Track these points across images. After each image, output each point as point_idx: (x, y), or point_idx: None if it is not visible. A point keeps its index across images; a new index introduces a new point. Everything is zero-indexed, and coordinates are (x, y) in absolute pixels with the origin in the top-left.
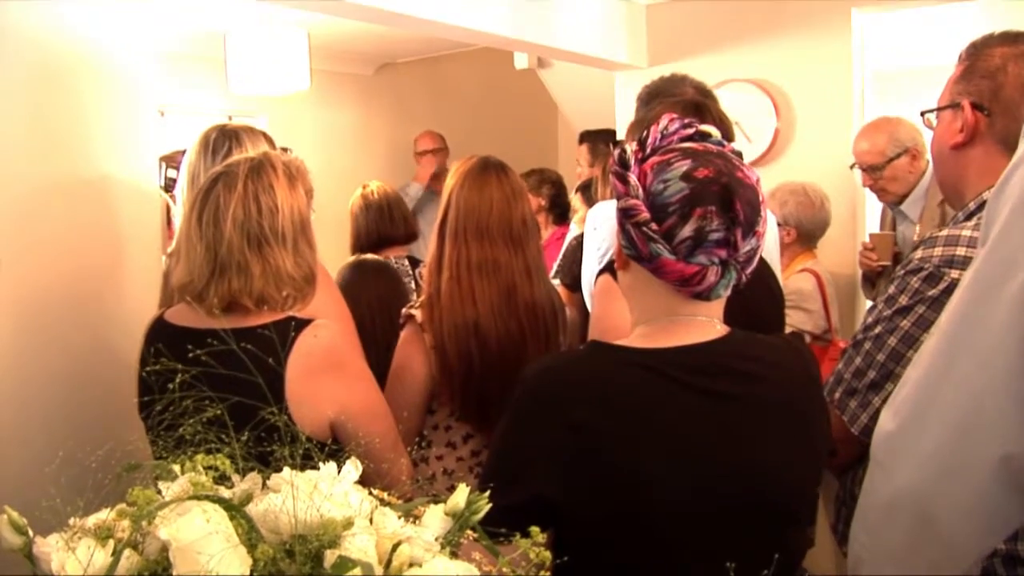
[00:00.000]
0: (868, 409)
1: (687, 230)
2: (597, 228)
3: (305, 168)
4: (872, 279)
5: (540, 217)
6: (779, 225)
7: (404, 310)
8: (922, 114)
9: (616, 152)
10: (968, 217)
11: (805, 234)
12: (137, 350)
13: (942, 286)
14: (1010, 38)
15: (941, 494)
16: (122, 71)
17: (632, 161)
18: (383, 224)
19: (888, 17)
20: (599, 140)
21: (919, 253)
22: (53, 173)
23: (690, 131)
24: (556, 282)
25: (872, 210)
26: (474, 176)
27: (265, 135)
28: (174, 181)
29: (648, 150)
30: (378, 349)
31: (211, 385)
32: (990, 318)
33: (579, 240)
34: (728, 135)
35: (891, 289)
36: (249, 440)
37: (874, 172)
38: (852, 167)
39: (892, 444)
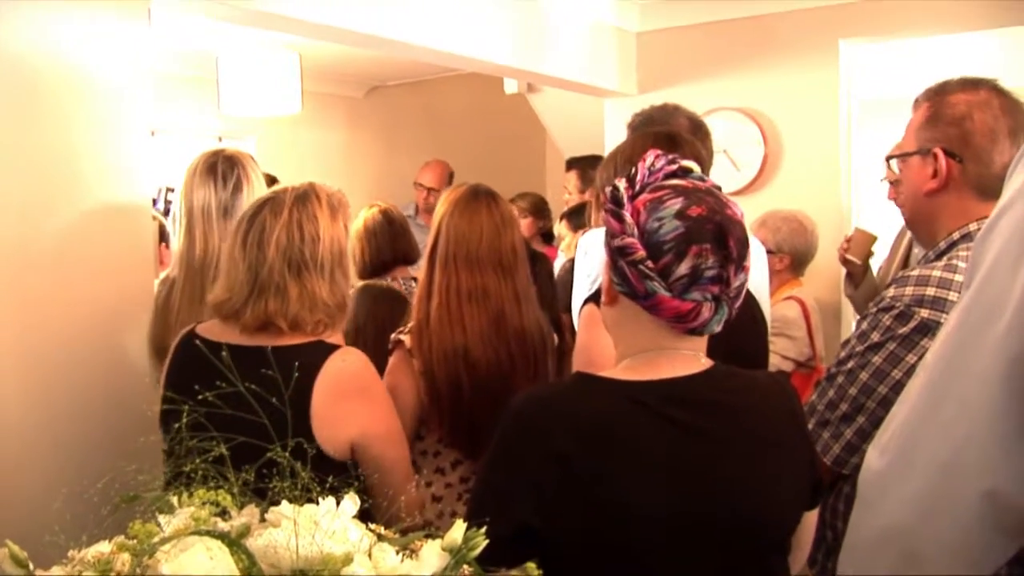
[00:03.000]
0: (840, 440)
1: (683, 268)
2: (588, 253)
3: (346, 201)
4: (855, 280)
5: (534, 241)
6: (772, 252)
7: (393, 336)
8: (887, 159)
9: (609, 190)
10: (938, 256)
11: (797, 261)
12: (126, 375)
13: (912, 324)
14: (970, 84)
15: (927, 532)
16: (114, 92)
17: (624, 199)
18: (397, 241)
19: (875, 47)
20: (588, 166)
21: (891, 292)
22: (41, 195)
23: (674, 167)
24: None
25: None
26: (464, 204)
27: (255, 161)
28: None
29: (638, 187)
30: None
31: (237, 401)
32: (974, 362)
33: (571, 266)
34: (703, 170)
35: (864, 325)
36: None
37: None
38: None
39: (879, 482)
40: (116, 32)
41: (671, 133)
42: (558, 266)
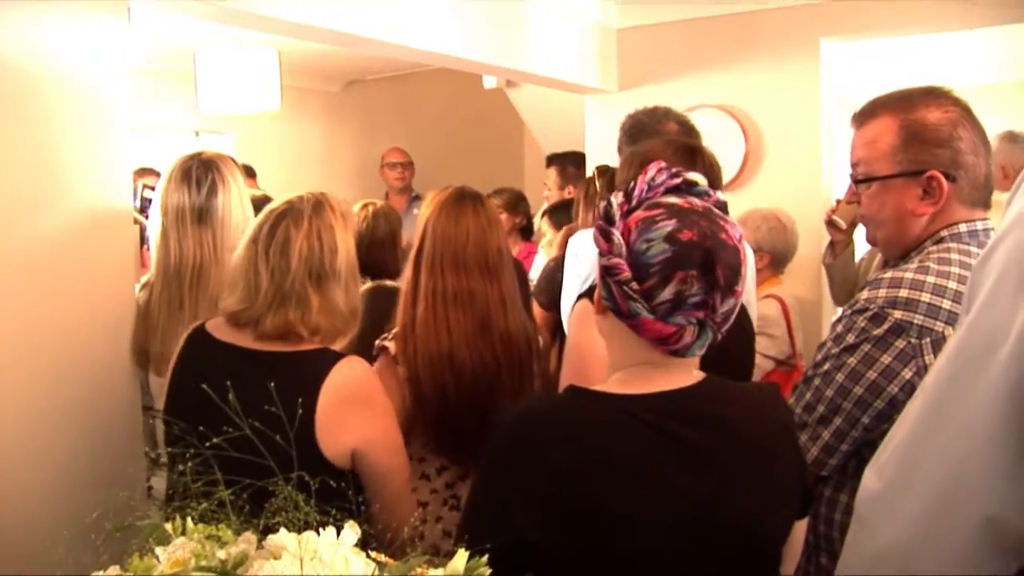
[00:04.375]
0: (818, 442)
1: (667, 293)
2: (578, 255)
3: (352, 212)
4: (836, 250)
5: (511, 237)
6: (752, 251)
7: (377, 342)
8: (856, 182)
9: (602, 205)
10: (910, 259)
11: (777, 259)
12: (106, 382)
13: (886, 326)
14: (933, 97)
15: (925, 555)
16: (93, 92)
17: (617, 215)
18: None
19: (856, 45)
20: (568, 163)
21: (865, 294)
22: (19, 198)
23: (676, 181)
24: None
25: None
26: (450, 206)
27: (236, 162)
28: (149, 201)
29: (634, 202)
30: None
31: (244, 407)
32: (973, 388)
33: (557, 262)
34: (716, 182)
35: (839, 328)
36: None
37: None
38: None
39: (877, 504)
40: (95, 31)
41: (693, 146)
42: (539, 263)
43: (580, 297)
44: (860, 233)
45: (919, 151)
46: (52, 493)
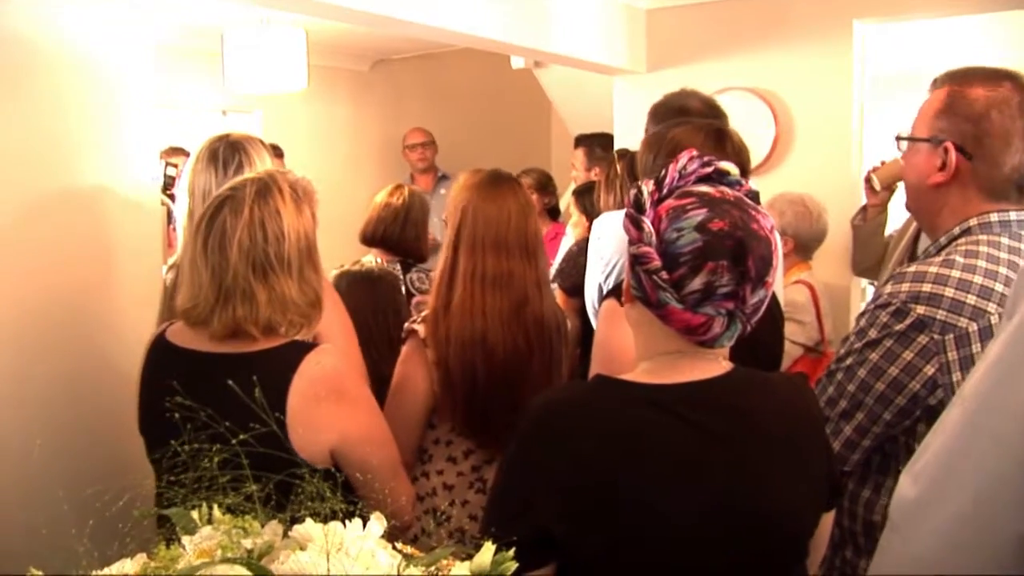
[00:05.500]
0: (839, 437)
1: (697, 282)
2: (601, 238)
3: (312, 189)
4: (868, 213)
5: (540, 217)
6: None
7: (407, 325)
8: (897, 139)
9: (632, 193)
10: (938, 252)
11: (802, 245)
12: (133, 364)
13: (908, 321)
14: (992, 77)
15: (956, 565)
16: (116, 70)
17: (648, 204)
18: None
19: (889, 27)
20: (595, 144)
21: (888, 288)
22: (44, 178)
23: (708, 170)
24: (554, 286)
25: None
26: (489, 188)
27: (264, 144)
28: (173, 180)
29: (665, 190)
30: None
31: (213, 412)
32: (1012, 399)
33: (580, 246)
34: (744, 166)
35: (862, 322)
36: (268, 488)
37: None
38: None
39: (911, 510)
40: (123, 11)
41: (720, 128)
42: (566, 244)
43: (607, 295)
44: (894, 206)
45: (948, 121)
46: (76, 479)
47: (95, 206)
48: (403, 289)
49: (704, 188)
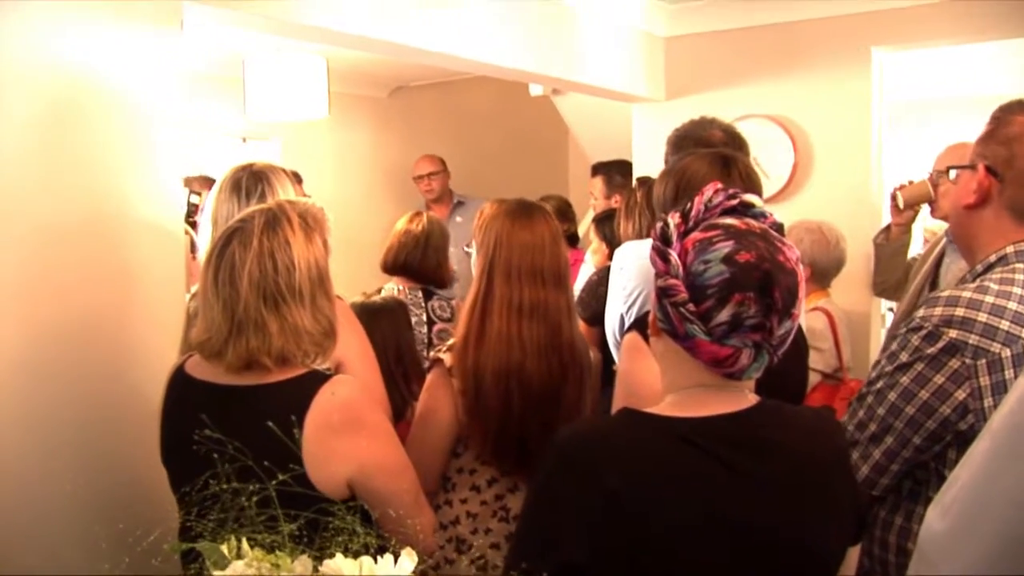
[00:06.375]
0: (868, 461)
1: (724, 314)
2: (624, 269)
3: (323, 216)
4: (890, 233)
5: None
6: None
7: (432, 353)
8: (948, 169)
9: (659, 226)
10: (974, 279)
11: (819, 272)
12: (156, 391)
13: (940, 345)
14: None
15: None
16: (144, 98)
17: (674, 236)
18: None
19: (907, 55)
20: (614, 171)
21: (921, 312)
22: (73, 209)
23: (734, 202)
24: None
25: None
26: (522, 217)
27: (287, 173)
28: (196, 207)
29: (691, 223)
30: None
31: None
32: None
33: (600, 276)
34: (756, 190)
35: (893, 346)
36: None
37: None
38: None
39: (940, 543)
40: (149, 42)
41: (725, 155)
42: (584, 271)
43: (630, 328)
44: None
45: (985, 146)
46: (96, 505)
47: (122, 234)
48: (424, 317)
49: (730, 220)
